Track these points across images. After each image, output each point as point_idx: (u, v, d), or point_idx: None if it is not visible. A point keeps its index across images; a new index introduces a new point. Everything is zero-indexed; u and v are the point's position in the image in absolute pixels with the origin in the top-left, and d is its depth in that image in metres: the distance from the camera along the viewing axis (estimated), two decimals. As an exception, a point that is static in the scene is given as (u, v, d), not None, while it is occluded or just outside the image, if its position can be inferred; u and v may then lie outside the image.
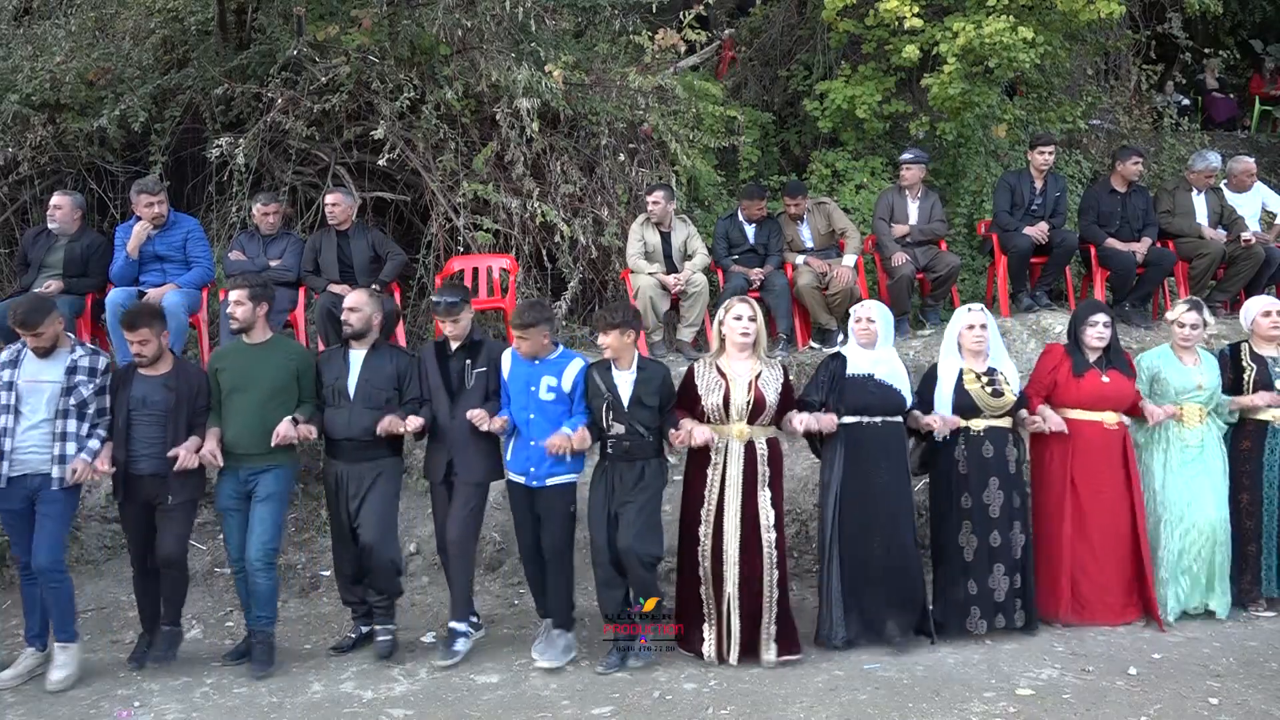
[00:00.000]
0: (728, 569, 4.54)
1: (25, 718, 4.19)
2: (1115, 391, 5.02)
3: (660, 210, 6.69)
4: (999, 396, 4.86)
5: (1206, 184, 7.41)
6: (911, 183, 7.21)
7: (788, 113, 9.14)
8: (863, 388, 4.74)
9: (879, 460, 4.72)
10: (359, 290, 5.16)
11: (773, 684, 4.37)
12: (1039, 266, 7.34)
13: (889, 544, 4.69)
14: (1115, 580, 4.99)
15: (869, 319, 4.86)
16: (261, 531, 4.58)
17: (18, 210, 7.15)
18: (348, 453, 4.70)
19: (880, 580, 4.69)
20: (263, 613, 4.65)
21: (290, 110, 6.86)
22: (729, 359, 4.67)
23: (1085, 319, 5.10)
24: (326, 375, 4.77)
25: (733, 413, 4.57)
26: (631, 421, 4.55)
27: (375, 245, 6.46)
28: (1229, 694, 4.23)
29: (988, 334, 4.94)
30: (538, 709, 4.20)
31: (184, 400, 4.58)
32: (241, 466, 4.61)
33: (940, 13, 7.66)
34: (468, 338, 4.77)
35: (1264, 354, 5.31)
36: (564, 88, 6.97)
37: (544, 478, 4.64)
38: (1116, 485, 5.01)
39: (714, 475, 4.59)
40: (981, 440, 4.84)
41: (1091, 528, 4.97)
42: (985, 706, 4.12)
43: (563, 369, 4.68)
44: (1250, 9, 12.53)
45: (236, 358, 4.74)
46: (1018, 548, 4.85)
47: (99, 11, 7.67)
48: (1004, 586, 4.81)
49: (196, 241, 6.20)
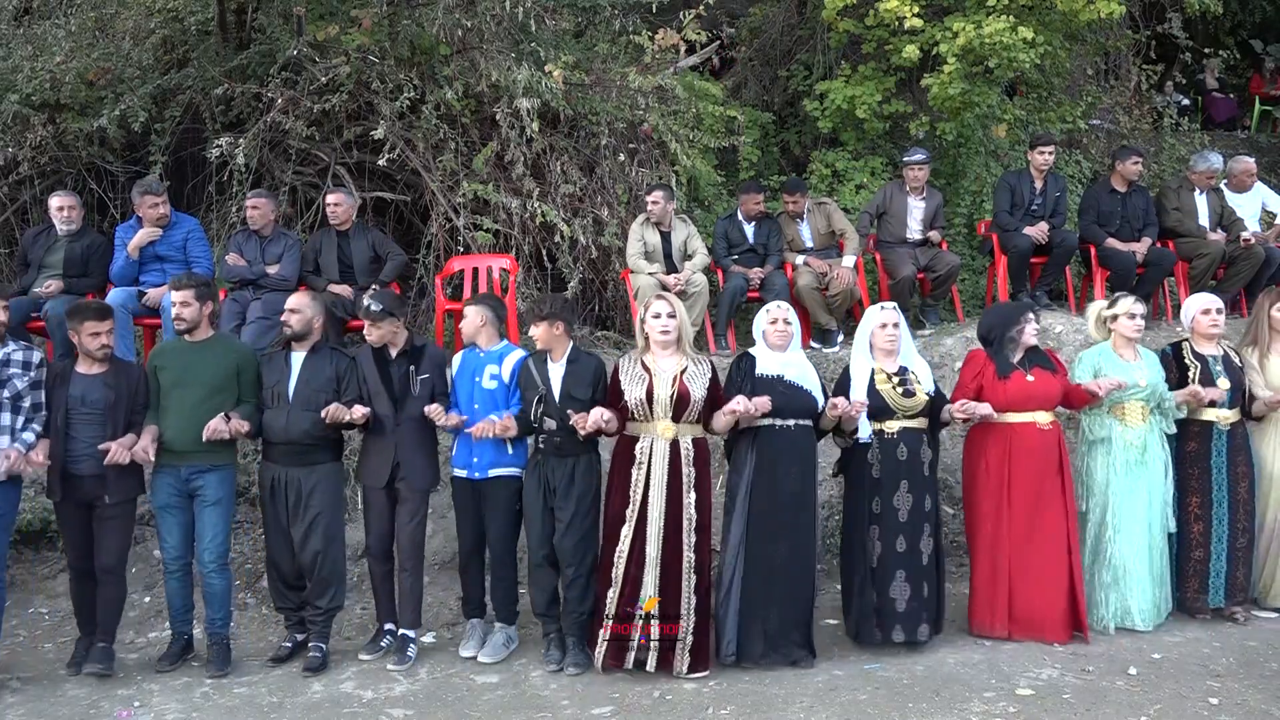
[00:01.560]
0: (648, 573, 4.42)
1: (25, 718, 4.19)
2: (1043, 389, 4.82)
3: (659, 210, 6.69)
4: (910, 397, 4.70)
5: (1208, 185, 7.42)
6: (919, 184, 7.21)
7: (788, 113, 9.15)
8: (772, 389, 4.55)
9: (789, 464, 4.56)
10: (300, 292, 5.15)
11: (772, 684, 4.37)
12: (1039, 266, 7.35)
13: (794, 552, 4.55)
14: (1054, 592, 4.76)
15: (785, 320, 4.70)
16: (213, 535, 4.57)
17: (18, 210, 7.14)
18: (285, 456, 4.64)
19: (784, 590, 4.53)
20: (218, 614, 4.64)
21: (290, 110, 6.85)
22: (653, 355, 4.59)
23: (1017, 319, 4.88)
24: (267, 377, 4.72)
25: (656, 408, 4.47)
26: (562, 415, 4.53)
27: (375, 245, 6.45)
28: (1229, 694, 4.22)
29: (899, 332, 4.79)
30: (538, 709, 4.20)
31: (123, 398, 4.53)
32: (182, 465, 4.55)
33: (940, 13, 7.66)
34: (408, 343, 4.79)
35: (1205, 353, 5.21)
36: (564, 88, 6.97)
37: (486, 469, 4.67)
38: (1054, 490, 4.81)
39: (639, 474, 4.47)
40: (895, 442, 4.68)
41: (1031, 535, 4.77)
42: (985, 706, 4.11)
43: (504, 357, 4.76)
44: (1250, 9, 12.54)
45: (176, 355, 4.70)
46: (925, 554, 4.69)
47: (99, 11, 7.66)
48: (904, 595, 4.64)
49: (197, 242, 6.20)
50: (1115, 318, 5.12)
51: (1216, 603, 5.07)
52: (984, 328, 5.05)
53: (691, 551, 4.45)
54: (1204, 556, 5.07)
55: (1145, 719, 4.02)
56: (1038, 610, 4.77)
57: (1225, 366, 5.18)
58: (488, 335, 4.82)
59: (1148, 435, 4.99)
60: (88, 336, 4.49)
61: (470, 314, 4.82)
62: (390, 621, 4.82)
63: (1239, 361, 5.26)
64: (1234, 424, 5.14)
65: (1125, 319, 5.09)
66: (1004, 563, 4.78)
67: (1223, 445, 5.11)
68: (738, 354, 4.94)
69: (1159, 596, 4.99)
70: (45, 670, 4.65)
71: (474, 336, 4.82)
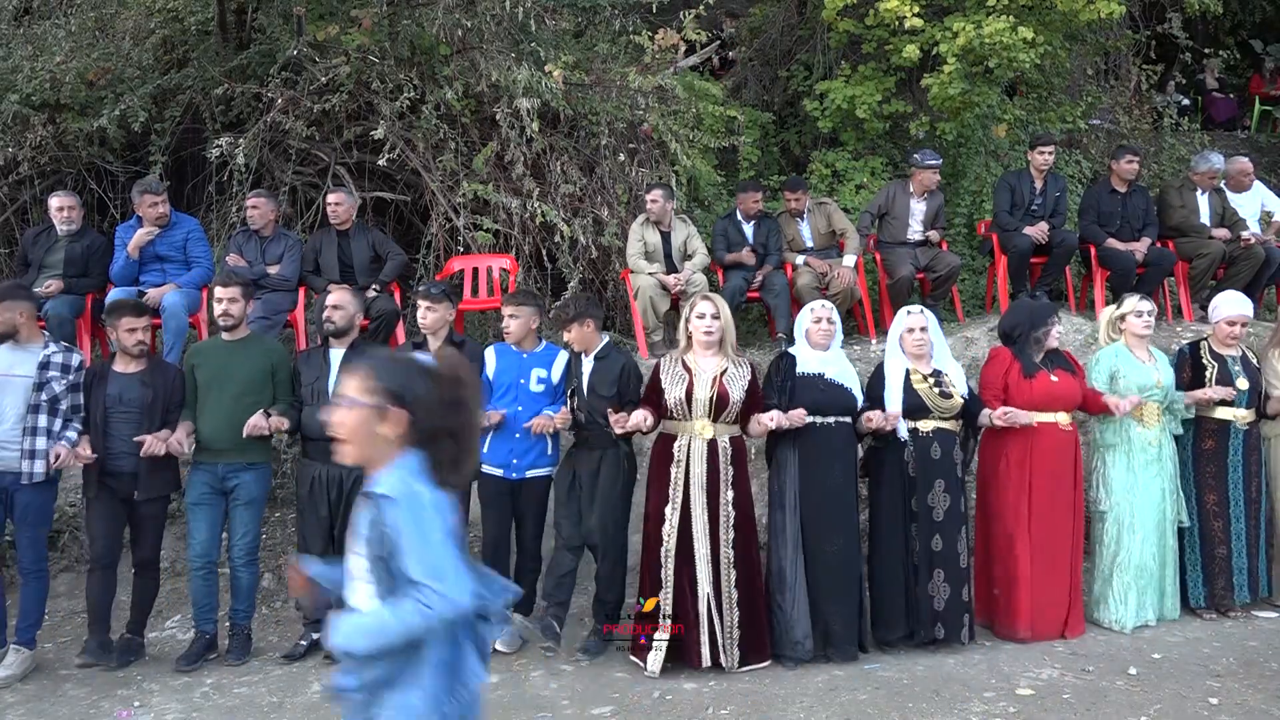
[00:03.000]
0: (700, 570, 4.45)
1: (25, 718, 4.19)
2: (1065, 391, 4.88)
3: (659, 209, 6.68)
4: (948, 398, 4.75)
5: (1210, 185, 7.42)
6: (927, 187, 7.19)
7: (788, 113, 9.14)
8: (814, 387, 4.64)
9: (832, 461, 4.63)
10: (343, 288, 5.17)
11: (773, 684, 4.37)
12: (1039, 266, 7.34)
13: (845, 547, 4.60)
14: (1062, 591, 4.83)
15: (829, 320, 4.76)
16: (244, 531, 4.66)
17: (18, 210, 7.15)
18: (326, 453, 4.62)
19: (842, 586, 4.58)
20: (241, 606, 4.73)
21: (290, 110, 6.86)
22: (695, 355, 4.63)
23: (1045, 320, 4.93)
24: (306, 375, 4.77)
25: (695, 408, 4.51)
26: (589, 410, 4.62)
27: (375, 245, 6.46)
28: (1229, 694, 4.22)
29: (928, 336, 4.82)
30: (538, 709, 4.20)
31: (160, 396, 4.60)
32: (218, 462, 4.61)
33: (940, 13, 7.66)
34: (448, 338, 4.84)
35: (1224, 353, 5.27)
36: (564, 88, 6.97)
37: (524, 470, 4.71)
38: (1067, 490, 4.88)
39: (677, 473, 4.53)
40: (930, 441, 4.72)
41: (1047, 536, 4.80)
42: (985, 706, 4.12)
43: (552, 360, 4.81)
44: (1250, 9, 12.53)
45: (213, 353, 4.76)
46: (963, 555, 4.72)
47: (99, 11, 7.66)
48: (944, 594, 4.67)
49: (197, 242, 6.21)
50: (1123, 317, 5.17)
51: (1243, 599, 5.13)
52: (1008, 325, 5.05)
53: (730, 548, 4.49)
54: (1226, 554, 5.13)
55: (1145, 719, 4.02)
56: (1051, 611, 4.82)
57: (1244, 367, 5.24)
58: (533, 336, 4.87)
59: (1161, 435, 5.06)
60: (124, 333, 4.58)
61: (522, 315, 4.80)
62: None
63: (1257, 362, 5.31)
64: (1250, 424, 5.21)
65: (1133, 317, 5.13)
66: (1025, 565, 4.79)
67: (1239, 444, 5.18)
68: (777, 354, 5.03)
69: (1172, 594, 5.06)
70: (45, 670, 4.65)
71: (523, 337, 4.82)
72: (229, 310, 4.71)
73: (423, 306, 4.81)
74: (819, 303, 4.90)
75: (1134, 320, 5.13)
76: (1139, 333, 5.13)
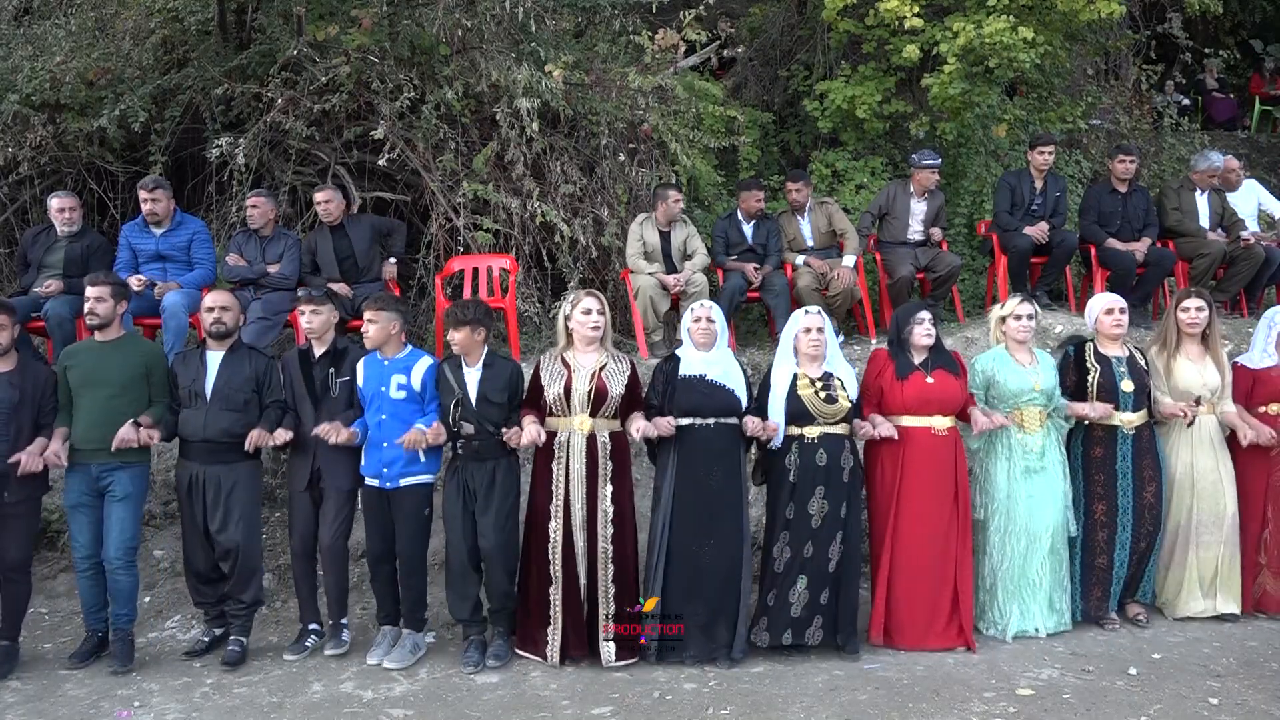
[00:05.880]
0: (578, 564, 4.51)
1: (25, 717, 4.19)
2: (942, 393, 4.73)
3: (679, 209, 6.72)
4: (833, 403, 4.64)
5: (1210, 184, 7.43)
6: (927, 187, 7.19)
7: (788, 113, 9.15)
8: (694, 389, 4.60)
9: (712, 464, 4.57)
10: (220, 289, 5.16)
11: (773, 684, 4.38)
12: (1039, 266, 7.35)
13: (720, 550, 4.55)
14: (939, 599, 4.71)
15: (709, 319, 4.72)
16: (120, 531, 4.55)
17: (18, 210, 7.15)
18: (202, 454, 4.64)
19: (711, 589, 4.55)
20: (123, 610, 4.64)
21: (290, 110, 6.86)
22: (575, 351, 4.66)
23: (910, 318, 4.82)
24: (182, 377, 4.71)
25: (574, 403, 4.54)
26: (480, 419, 4.56)
27: (375, 226, 6.52)
28: (1229, 694, 4.23)
29: (824, 337, 4.73)
30: (538, 709, 4.20)
31: (29, 398, 4.53)
32: (92, 463, 4.55)
33: (940, 13, 7.67)
34: (331, 345, 4.80)
35: (1109, 354, 5.07)
36: (564, 88, 6.97)
37: (397, 478, 4.64)
38: (944, 497, 4.72)
39: (558, 470, 4.55)
40: (815, 448, 4.61)
41: (914, 543, 4.69)
42: (985, 706, 4.12)
43: (411, 367, 4.70)
44: (1250, 9, 12.55)
45: (86, 355, 4.70)
46: (832, 561, 4.61)
47: (99, 11, 7.65)
48: (802, 601, 4.58)
49: (201, 243, 6.21)
50: (1004, 319, 5.02)
51: (1114, 608, 5.02)
52: (890, 326, 5.04)
53: (608, 543, 4.53)
54: (1107, 564, 4.99)
55: (1145, 719, 4.03)
56: (921, 619, 4.71)
57: (1130, 368, 5.04)
58: (396, 342, 4.75)
59: (1045, 440, 4.90)
60: None
61: (380, 320, 4.67)
62: (314, 621, 4.86)
63: (1144, 363, 5.14)
64: (1140, 427, 5.01)
65: (1012, 320, 4.97)
66: (885, 572, 4.73)
67: (1128, 449, 4.98)
68: (665, 355, 5.00)
69: (1060, 603, 4.92)
70: (45, 670, 4.65)
71: (383, 343, 4.71)
72: (95, 309, 4.62)
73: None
74: (700, 302, 4.86)
75: (1013, 324, 4.96)
76: (1018, 337, 4.95)
